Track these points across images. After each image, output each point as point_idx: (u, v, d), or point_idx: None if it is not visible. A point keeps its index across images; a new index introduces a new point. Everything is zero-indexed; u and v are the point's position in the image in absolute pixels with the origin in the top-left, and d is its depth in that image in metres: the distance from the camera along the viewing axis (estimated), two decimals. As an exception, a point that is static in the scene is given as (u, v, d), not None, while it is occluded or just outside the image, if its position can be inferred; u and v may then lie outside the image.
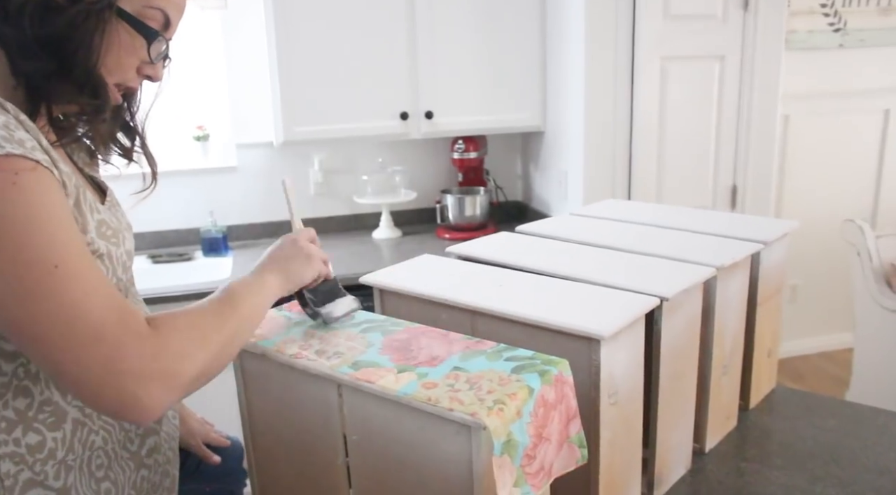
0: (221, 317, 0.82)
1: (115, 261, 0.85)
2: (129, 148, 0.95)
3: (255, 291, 0.89)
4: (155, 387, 0.71)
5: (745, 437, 1.32)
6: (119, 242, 0.86)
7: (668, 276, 1.10)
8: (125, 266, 0.87)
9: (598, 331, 0.90)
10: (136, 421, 0.77)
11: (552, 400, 0.79)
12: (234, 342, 0.83)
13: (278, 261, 0.95)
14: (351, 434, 0.85)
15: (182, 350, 0.75)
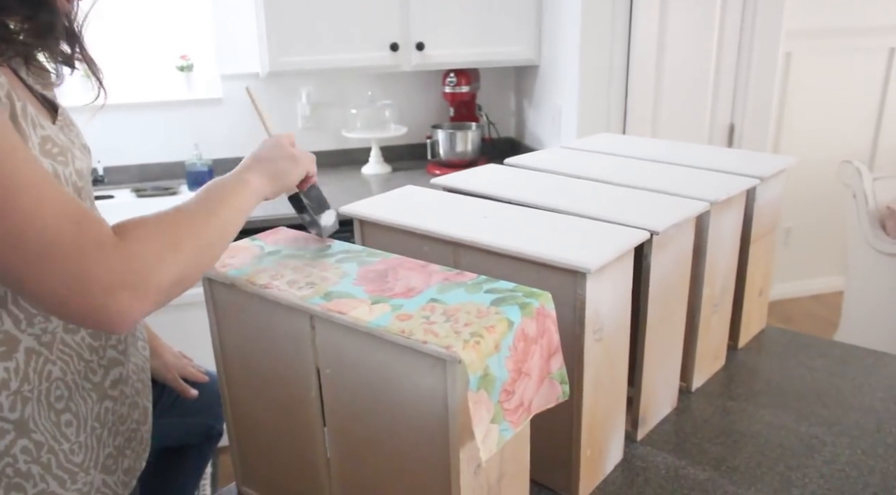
0: (197, 220, 0.77)
1: (64, 180, 0.80)
2: (69, 55, 0.89)
3: (236, 191, 0.84)
4: (125, 297, 0.67)
5: (733, 377, 1.30)
6: (67, 161, 0.81)
7: (659, 210, 1.05)
8: (76, 186, 0.82)
9: (584, 264, 0.86)
10: (111, 332, 0.74)
11: (533, 335, 0.76)
12: (213, 247, 0.79)
13: (262, 161, 0.91)
14: (324, 367, 0.82)
15: (152, 257, 0.70)
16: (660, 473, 1.05)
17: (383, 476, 0.81)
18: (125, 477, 0.93)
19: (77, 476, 0.86)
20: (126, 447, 0.93)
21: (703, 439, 1.12)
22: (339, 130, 2.97)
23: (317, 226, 0.95)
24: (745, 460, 1.07)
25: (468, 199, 1.14)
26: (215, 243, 0.79)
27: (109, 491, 0.90)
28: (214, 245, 0.79)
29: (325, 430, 0.86)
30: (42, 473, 0.83)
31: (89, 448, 0.87)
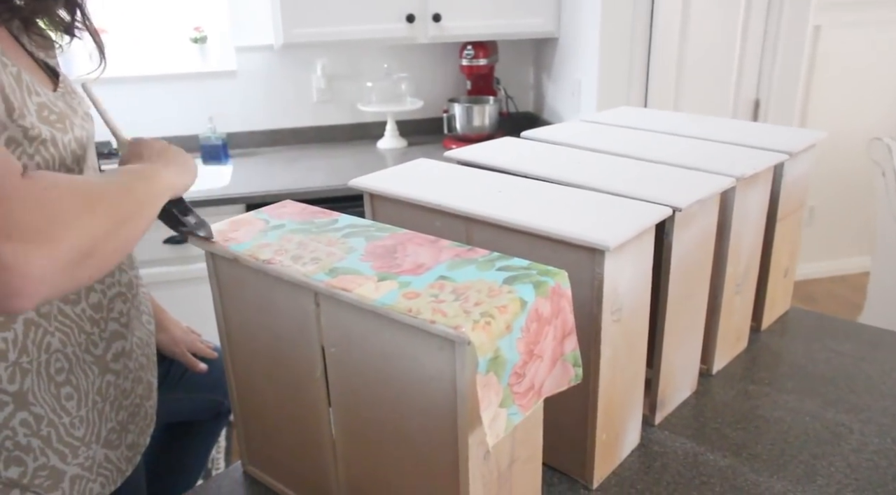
0: (113, 190, 0.67)
1: (63, 147, 0.77)
2: (69, 23, 0.86)
3: (150, 178, 0.75)
4: (29, 251, 0.54)
5: (756, 359, 1.26)
6: (66, 128, 0.78)
7: (682, 185, 1.00)
8: (76, 155, 0.80)
9: (603, 242, 0.82)
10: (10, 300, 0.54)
11: (547, 315, 0.72)
12: (127, 226, 0.67)
13: (163, 155, 0.84)
14: (329, 346, 0.78)
15: (66, 210, 0.59)
16: (678, 459, 1.01)
17: (390, 459, 0.78)
18: (129, 452, 0.91)
19: (78, 450, 0.84)
20: (129, 422, 0.91)
21: (723, 424, 1.08)
22: (354, 104, 2.92)
23: (204, 227, 0.86)
24: (767, 447, 1.03)
25: (483, 173, 1.10)
26: (129, 222, 0.68)
27: (112, 466, 0.88)
28: (128, 223, 0.67)
29: (330, 411, 0.83)
30: (42, 447, 0.81)
31: (91, 422, 0.85)
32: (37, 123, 0.74)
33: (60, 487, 0.82)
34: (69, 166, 0.79)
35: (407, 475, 0.77)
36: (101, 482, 0.87)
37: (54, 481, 0.82)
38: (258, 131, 2.88)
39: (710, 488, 0.95)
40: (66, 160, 0.78)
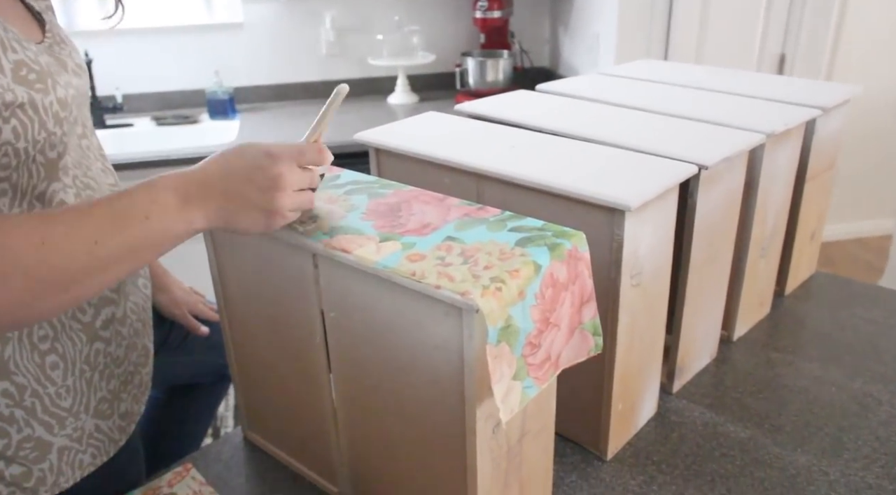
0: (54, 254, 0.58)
1: (43, 111, 0.70)
2: None
3: (165, 219, 0.63)
4: None
5: (778, 326, 1.20)
6: (47, 89, 0.70)
7: (707, 142, 0.94)
8: (58, 117, 0.72)
9: (624, 201, 0.76)
10: None
11: (563, 280, 0.66)
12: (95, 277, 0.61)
13: (225, 193, 0.65)
14: (328, 310, 0.73)
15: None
16: (696, 429, 0.96)
17: (393, 429, 0.74)
18: (122, 421, 0.87)
19: (66, 421, 0.80)
20: (122, 390, 0.87)
21: (744, 393, 1.03)
22: (364, 58, 2.84)
23: None
24: (790, 418, 0.98)
25: (495, 127, 1.04)
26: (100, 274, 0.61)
27: (104, 436, 0.85)
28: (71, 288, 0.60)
29: (331, 377, 0.79)
30: (26, 418, 0.77)
31: (78, 391, 0.81)
32: (12, 85, 0.67)
33: (48, 459, 0.79)
34: (51, 130, 0.72)
35: (410, 446, 0.73)
36: (92, 453, 0.83)
37: (41, 453, 0.78)
38: (265, 85, 2.80)
39: (730, 461, 0.91)
40: (48, 124, 0.71)
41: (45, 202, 0.74)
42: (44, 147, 0.71)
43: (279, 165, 0.66)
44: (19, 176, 0.71)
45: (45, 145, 0.72)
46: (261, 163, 0.66)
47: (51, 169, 0.74)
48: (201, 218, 0.65)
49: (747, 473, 0.88)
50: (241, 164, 0.66)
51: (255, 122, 2.60)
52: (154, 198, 0.63)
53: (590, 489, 0.87)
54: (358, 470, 0.82)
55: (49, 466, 0.79)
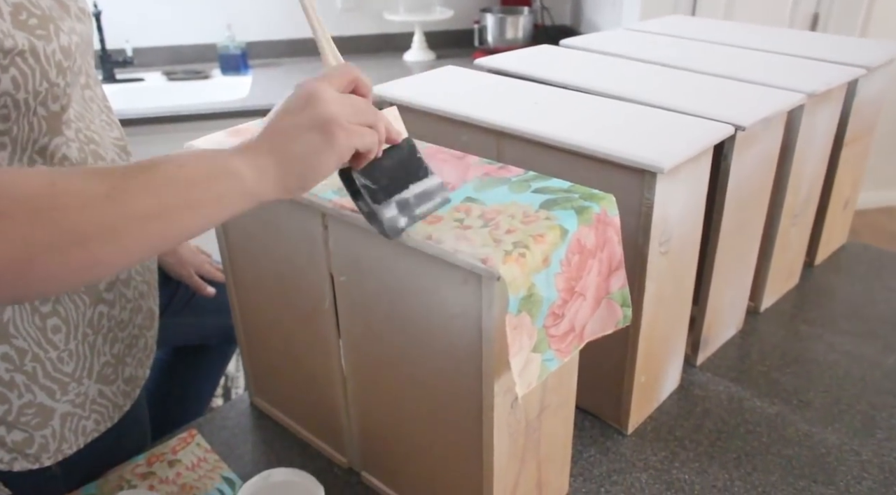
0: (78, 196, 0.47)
1: (45, 59, 0.64)
2: None
3: (202, 165, 0.52)
4: None
5: (807, 297, 1.15)
6: (49, 35, 0.65)
7: (744, 102, 0.88)
8: (61, 67, 0.67)
9: (656, 162, 0.71)
10: None
11: (591, 246, 0.62)
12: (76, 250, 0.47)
13: (276, 135, 0.55)
14: (338, 274, 0.69)
15: None
16: (721, 404, 0.92)
17: (404, 401, 0.70)
18: (126, 386, 0.84)
19: (68, 386, 0.76)
20: (127, 354, 0.84)
21: (771, 367, 0.99)
22: (380, 13, 2.76)
23: (376, 220, 0.59)
24: (820, 394, 0.94)
25: (517, 83, 0.98)
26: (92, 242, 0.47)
27: (108, 401, 0.81)
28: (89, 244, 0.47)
29: (340, 343, 0.75)
30: (27, 383, 0.73)
31: (81, 356, 0.77)
32: (11, 31, 0.62)
33: (50, 425, 0.76)
34: (53, 81, 0.67)
35: (423, 420, 0.69)
36: (96, 419, 0.80)
37: (43, 419, 0.75)
38: (279, 41, 2.73)
39: (756, 438, 0.87)
40: (49, 74, 0.66)
41: (47, 157, 0.70)
42: (45, 99, 0.67)
43: (308, 85, 0.57)
44: (19, 129, 0.66)
45: (48, 97, 0.67)
46: (300, 96, 0.57)
47: (53, 122, 0.70)
48: (249, 166, 0.53)
49: (774, 451, 0.84)
50: (285, 105, 0.57)
51: (267, 77, 2.54)
52: (189, 152, 0.53)
53: (609, 464, 0.83)
54: (368, 442, 0.79)
55: (51, 432, 0.77)
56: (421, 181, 0.61)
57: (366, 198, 0.58)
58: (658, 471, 0.82)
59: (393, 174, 0.60)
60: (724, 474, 0.81)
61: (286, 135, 0.54)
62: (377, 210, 0.58)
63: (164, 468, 0.84)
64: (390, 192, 0.59)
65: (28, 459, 0.76)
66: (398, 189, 0.59)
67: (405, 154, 0.61)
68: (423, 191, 0.60)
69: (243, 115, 2.20)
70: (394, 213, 0.58)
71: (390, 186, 0.59)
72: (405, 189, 0.60)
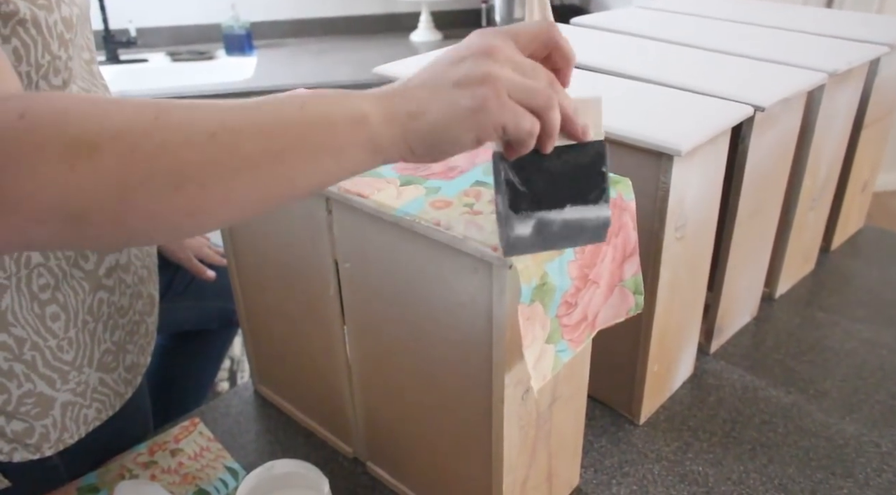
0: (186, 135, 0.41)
1: (47, 30, 0.62)
2: None
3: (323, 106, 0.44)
4: None
5: (824, 283, 1.12)
6: (51, 5, 0.63)
7: (762, 81, 0.85)
8: (63, 39, 0.64)
9: (673, 144, 0.68)
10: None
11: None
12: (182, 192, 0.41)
13: (419, 85, 0.46)
14: (343, 260, 0.67)
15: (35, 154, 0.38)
16: (735, 393, 0.90)
17: (411, 391, 0.68)
18: (127, 374, 0.82)
19: (68, 375, 0.75)
20: (128, 342, 0.82)
21: (786, 355, 0.97)
22: (386, -8, 2.72)
23: (501, 227, 0.48)
24: (837, 384, 0.91)
25: (527, 63, 0.95)
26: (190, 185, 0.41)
27: (109, 390, 0.80)
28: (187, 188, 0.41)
29: (345, 330, 0.73)
30: (27, 372, 0.72)
31: (81, 344, 0.75)
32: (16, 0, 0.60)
33: (50, 414, 0.74)
34: (55, 53, 0.64)
35: (430, 411, 0.67)
36: (97, 407, 0.78)
37: (43, 408, 0.73)
38: (284, 21, 2.70)
39: (771, 428, 0.84)
40: (52, 46, 0.64)
41: None
42: (48, 72, 0.64)
43: (486, 34, 0.47)
44: None
45: (49, 70, 0.64)
46: (465, 39, 0.47)
47: None
48: (380, 117, 0.44)
49: (790, 442, 0.82)
50: (449, 51, 0.47)
51: (272, 58, 2.50)
52: (313, 92, 0.46)
53: (621, 455, 0.81)
54: (374, 432, 0.77)
55: (52, 422, 0.75)
56: (584, 206, 0.47)
57: (505, 197, 0.46)
58: (671, 463, 0.80)
59: (554, 182, 0.46)
60: (738, 466, 0.79)
61: (429, 88, 0.45)
62: (509, 218, 0.46)
63: (167, 457, 0.82)
64: (538, 204, 0.46)
65: (28, 449, 0.74)
66: (550, 204, 0.46)
67: (585, 161, 0.47)
68: (579, 219, 0.47)
69: (248, 96, 2.17)
70: (526, 233, 0.46)
71: (542, 197, 0.46)
72: (558, 208, 0.46)
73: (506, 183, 0.46)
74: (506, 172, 0.46)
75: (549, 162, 0.46)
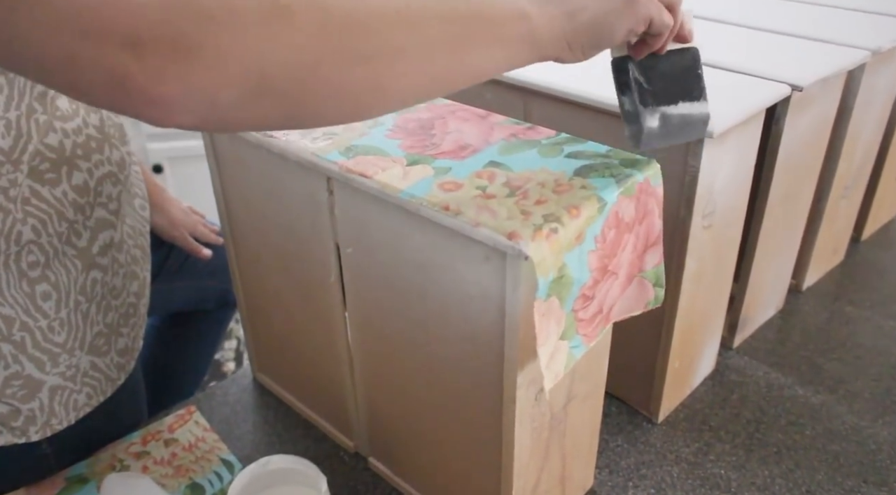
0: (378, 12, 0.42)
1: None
2: None
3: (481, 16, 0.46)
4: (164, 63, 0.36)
5: (854, 276, 1.07)
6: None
7: (800, 59, 0.79)
8: None
9: (705, 126, 0.62)
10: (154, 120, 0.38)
11: (629, 220, 0.54)
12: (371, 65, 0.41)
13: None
14: (345, 245, 0.62)
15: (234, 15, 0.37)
16: (759, 391, 0.85)
17: (416, 386, 0.63)
18: (120, 358, 0.78)
19: (59, 357, 0.71)
20: (122, 324, 0.78)
21: (814, 352, 0.91)
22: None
23: (635, 124, 0.53)
24: (869, 384, 0.86)
25: (546, 37, 0.89)
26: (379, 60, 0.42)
27: (100, 374, 0.76)
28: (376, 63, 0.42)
29: (346, 317, 0.68)
30: (14, 353, 0.68)
31: (73, 325, 0.71)
32: None
33: (38, 398, 0.70)
34: None
35: (435, 408, 0.62)
36: (88, 393, 0.74)
37: (30, 391, 0.70)
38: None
39: (798, 430, 0.79)
40: None
41: (47, 104, 0.64)
42: None
43: None
44: None
45: None
46: None
47: None
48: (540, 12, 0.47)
49: (819, 446, 0.77)
50: None
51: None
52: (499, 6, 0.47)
53: (638, 455, 0.77)
54: (376, 426, 0.72)
55: (39, 406, 0.71)
56: (692, 103, 0.54)
57: (634, 95, 0.52)
58: (691, 465, 0.75)
59: (669, 81, 0.53)
60: (763, 470, 0.75)
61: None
62: (642, 113, 0.52)
63: (160, 447, 0.78)
64: (659, 100, 0.53)
65: (14, 433, 0.71)
66: (668, 100, 0.53)
67: (688, 63, 0.54)
68: (688, 114, 0.54)
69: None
70: (655, 125, 0.53)
71: (662, 94, 0.53)
72: (674, 104, 0.53)
73: (634, 81, 0.52)
74: (633, 72, 0.52)
75: (665, 63, 0.53)
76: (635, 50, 0.53)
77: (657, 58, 0.53)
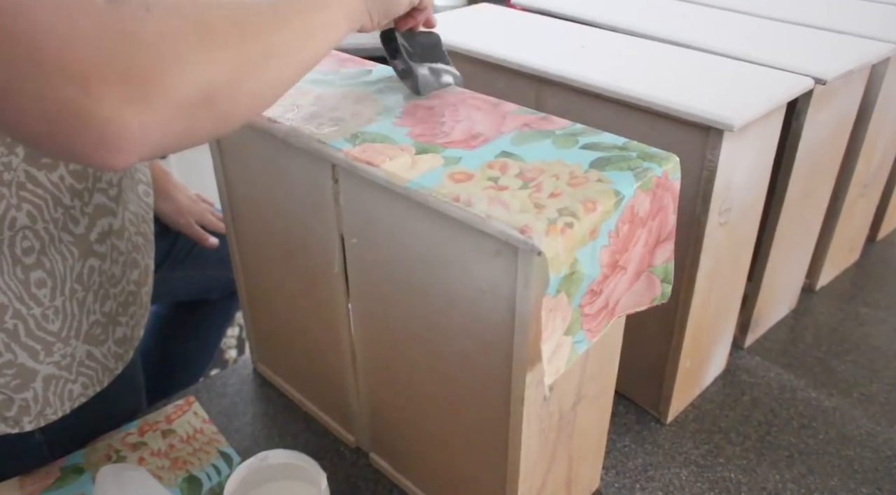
0: (256, 20, 0.47)
1: None
2: None
3: (323, 7, 0.54)
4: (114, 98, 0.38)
5: (869, 276, 1.04)
6: None
7: (824, 52, 0.77)
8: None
9: (725, 118, 0.60)
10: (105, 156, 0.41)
11: (643, 214, 0.52)
12: (269, 64, 0.48)
13: None
14: (350, 235, 0.60)
15: (169, 42, 0.40)
16: (771, 393, 0.83)
17: (420, 383, 0.61)
18: (118, 348, 0.76)
19: (53, 346, 0.69)
20: (120, 314, 0.76)
21: (828, 353, 0.89)
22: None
23: (411, 76, 0.65)
24: (885, 387, 0.84)
25: (561, 24, 0.87)
26: (273, 59, 0.48)
27: (97, 364, 0.74)
28: (271, 62, 0.48)
29: (349, 309, 0.66)
30: (7, 341, 0.66)
31: (69, 314, 0.70)
32: None
33: (31, 387, 0.69)
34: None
35: (440, 405, 0.60)
36: (84, 382, 0.73)
37: (23, 380, 0.68)
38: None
39: (811, 434, 0.77)
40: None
41: None
42: None
43: None
44: None
45: None
46: None
47: None
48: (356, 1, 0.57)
49: (832, 451, 0.75)
50: None
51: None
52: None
53: (646, 457, 0.75)
54: (378, 422, 0.71)
55: (33, 395, 0.69)
56: (446, 65, 0.67)
57: (404, 56, 0.65)
58: (700, 467, 0.73)
59: (426, 49, 0.67)
60: (774, 474, 0.73)
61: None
62: (413, 66, 0.64)
63: (157, 438, 0.77)
64: (423, 59, 0.66)
65: (7, 422, 0.69)
66: (429, 60, 0.67)
67: (435, 41, 0.69)
68: (447, 69, 0.67)
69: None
70: (426, 72, 0.65)
71: (422, 55, 0.66)
72: (433, 62, 0.67)
73: (402, 47, 0.66)
74: (400, 40, 0.66)
75: (421, 37, 0.68)
76: (399, 23, 0.66)
77: (413, 34, 0.67)
